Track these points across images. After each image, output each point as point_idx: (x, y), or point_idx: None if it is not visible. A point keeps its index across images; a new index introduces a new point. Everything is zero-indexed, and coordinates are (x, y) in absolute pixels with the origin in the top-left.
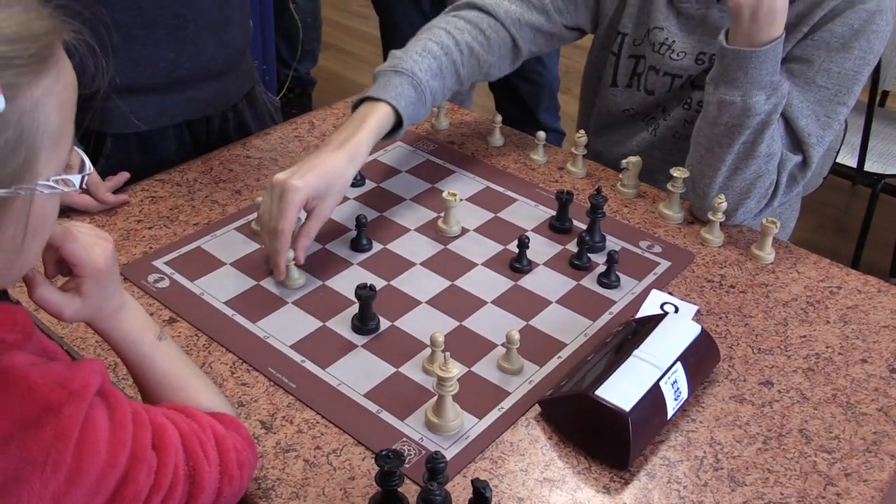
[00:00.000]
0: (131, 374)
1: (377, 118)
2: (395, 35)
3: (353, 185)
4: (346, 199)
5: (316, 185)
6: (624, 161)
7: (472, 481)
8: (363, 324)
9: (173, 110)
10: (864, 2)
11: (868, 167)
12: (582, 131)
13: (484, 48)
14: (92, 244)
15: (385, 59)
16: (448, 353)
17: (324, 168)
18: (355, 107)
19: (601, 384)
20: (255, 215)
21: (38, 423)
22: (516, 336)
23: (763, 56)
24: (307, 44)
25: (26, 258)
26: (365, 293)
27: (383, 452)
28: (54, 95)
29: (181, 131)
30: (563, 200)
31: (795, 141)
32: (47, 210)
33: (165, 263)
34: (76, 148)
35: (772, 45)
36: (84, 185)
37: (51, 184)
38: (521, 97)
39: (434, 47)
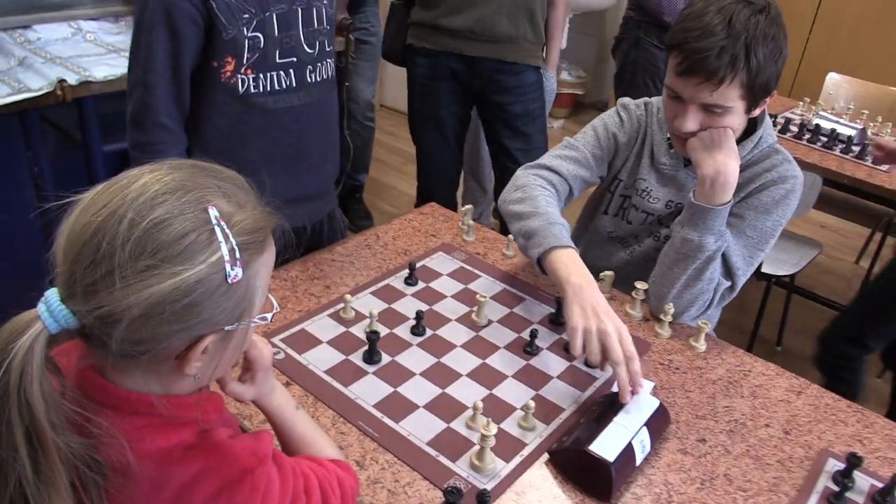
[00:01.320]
0: (277, 434)
1: (577, 255)
2: (425, 156)
3: (409, 283)
4: (403, 294)
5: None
6: (601, 274)
7: None
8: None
9: (293, 240)
10: (784, 182)
11: (764, 269)
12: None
13: (555, 196)
14: (262, 347)
15: (418, 172)
16: (490, 419)
17: (605, 304)
18: (538, 255)
19: (592, 441)
20: (341, 305)
21: (240, 481)
22: (532, 404)
23: (717, 213)
24: (364, 159)
25: (229, 366)
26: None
27: (448, 488)
28: (266, 264)
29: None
30: (560, 302)
31: (727, 272)
32: (249, 335)
33: (280, 341)
34: (270, 295)
35: (724, 206)
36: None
37: (256, 320)
38: None
39: (552, 200)
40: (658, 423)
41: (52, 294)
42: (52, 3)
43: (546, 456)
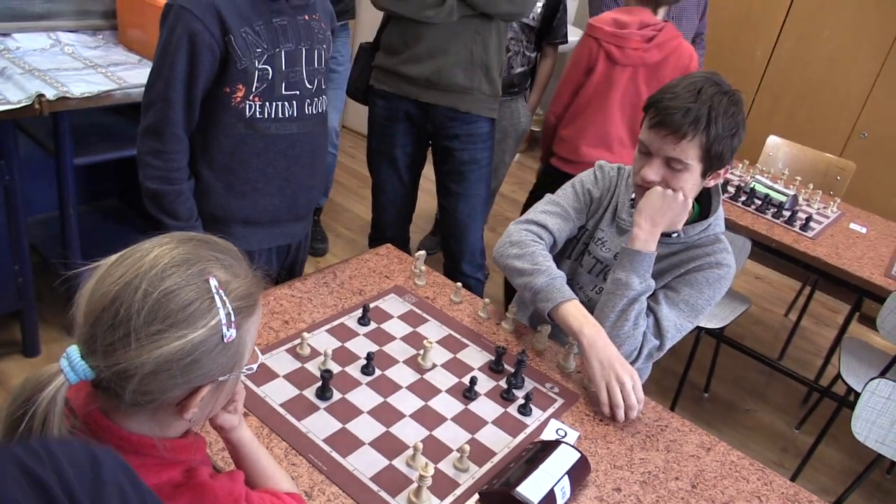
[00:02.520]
0: (243, 465)
1: (581, 305)
2: (380, 191)
3: (362, 323)
4: (356, 333)
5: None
6: (539, 326)
7: None
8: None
9: (269, 239)
10: (719, 268)
11: None
12: (514, 301)
13: (546, 249)
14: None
15: (373, 205)
16: (428, 461)
17: (617, 354)
18: (549, 310)
19: (519, 484)
20: (298, 341)
21: None
22: (467, 448)
23: (642, 257)
24: (326, 183)
25: (218, 409)
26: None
27: None
28: (255, 323)
29: (270, 255)
30: (500, 352)
31: (658, 333)
32: (238, 383)
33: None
34: (255, 348)
35: (647, 254)
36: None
37: (244, 370)
38: (452, 255)
39: (545, 252)
40: (578, 473)
41: (74, 351)
42: (32, 13)
43: (477, 496)
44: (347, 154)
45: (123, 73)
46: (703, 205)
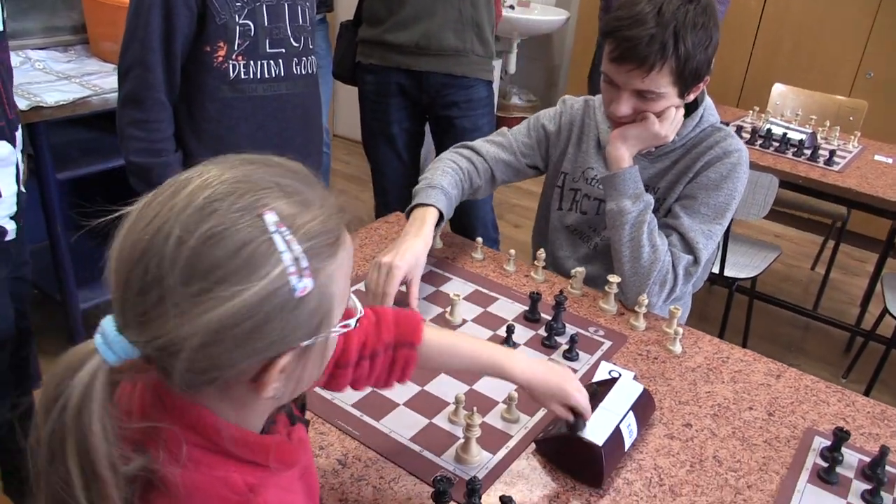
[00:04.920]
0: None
1: (432, 216)
2: (380, 174)
3: None
4: None
5: (411, 262)
6: (573, 270)
7: (500, 497)
8: None
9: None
10: (728, 157)
11: (726, 273)
12: (542, 250)
13: (474, 175)
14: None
15: (375, 191)
16: (476, 408)
17: (413, 250)
18: (408, 211)
19: (581, 427)
20: None
21: None
22: (515, 395)
23: (619, 177)
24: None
25: (311, 381)
26: None
27: (438, 477)
28: (343, 267)
29: None
30: (534, 299)
31: (688, 247)
32: (333, 346)
33: None
34: (351, 295)
35: (625, 171)
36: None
37: (337, 329)
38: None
39: (449, 170)
40: (643, 409)
41: (109, 322)
42: None
43: (533, 446)
44: (342, 161)
45: (98, 80)
46: (689, 104)
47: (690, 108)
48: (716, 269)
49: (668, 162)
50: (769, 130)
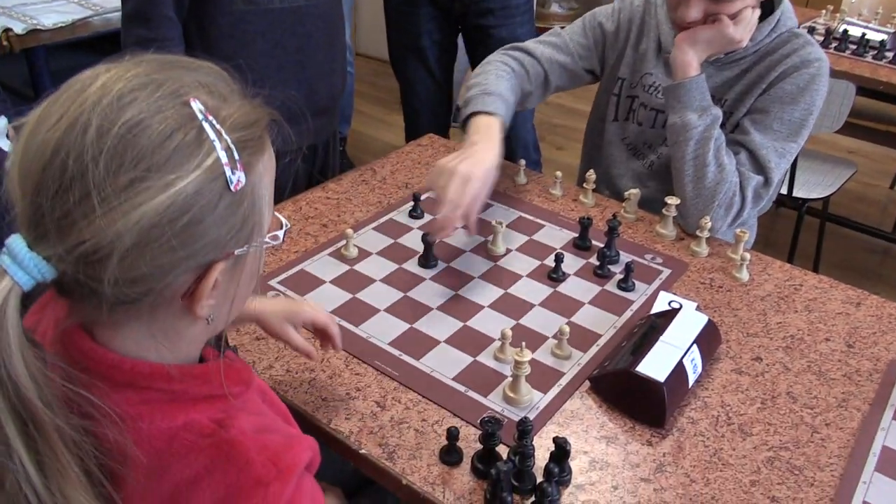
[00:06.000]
0: None
1: (498, 125)
2: (411, 93)
3: (414, 216)
4: (410, 228)
5: (487, 176)
6: (626, 192)
7: (554, 438)
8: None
9: (289, 140)
10: (807, 67)
11: (795, 193)
12: (591, 171)
13: (524, 80)
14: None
15: (404, 113)
16: (524, 343)
17: (487, 161)
18: (465, 119)
19: (640, 362)
20: (342, 242)
21: (248, 495)
22: (567, 329)
23: (685, 87)
24: (345, 109)
25: (243, 303)
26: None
27: (486, 419)
28: (269, 168)
29: (293, 162)
30: (585, 225)
31: (758, 167)
32: (262, 262)
33: (279, 283)
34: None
35: (691, 80)
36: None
37: (267, 240)
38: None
39: (504, 74)
40: (708, 342)
41: (16, 241)
42: None
43: (587, 384)
44: (366, 82)
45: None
46: (765, 6)
47: (766, 11)
48: (783, 190)
49: (737, 70)
50: (845, 31)
